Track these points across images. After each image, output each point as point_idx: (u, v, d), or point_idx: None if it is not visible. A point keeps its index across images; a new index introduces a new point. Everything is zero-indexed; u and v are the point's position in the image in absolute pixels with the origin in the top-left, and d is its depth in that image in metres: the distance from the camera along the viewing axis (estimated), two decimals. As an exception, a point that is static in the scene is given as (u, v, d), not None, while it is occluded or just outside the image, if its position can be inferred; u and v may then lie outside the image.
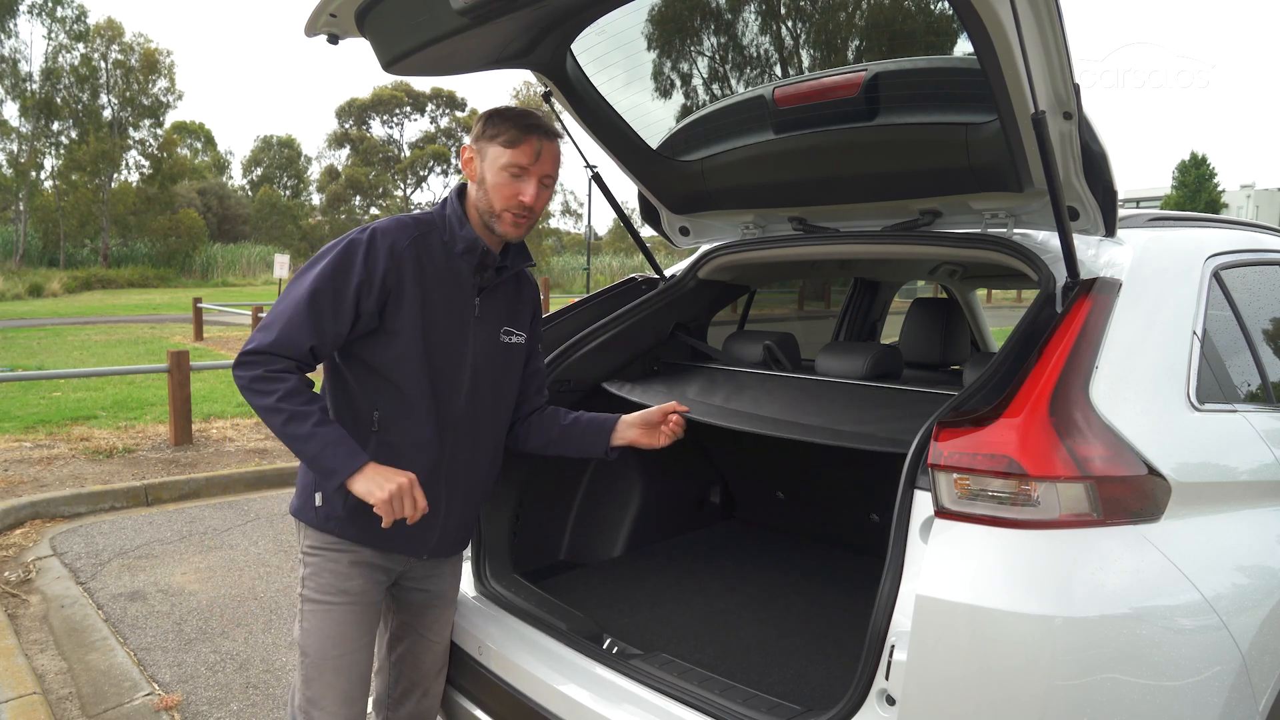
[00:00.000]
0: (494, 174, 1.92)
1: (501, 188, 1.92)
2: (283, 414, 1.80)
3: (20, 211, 33.50)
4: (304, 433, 1.81)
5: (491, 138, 1.93)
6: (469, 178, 1.99)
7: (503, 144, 1.91)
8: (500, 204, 1.93)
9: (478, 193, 1.96)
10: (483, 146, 1.95)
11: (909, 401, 2.26)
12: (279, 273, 17.42)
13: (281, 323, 1.84)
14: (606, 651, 2.04)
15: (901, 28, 2.18)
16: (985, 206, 2.17)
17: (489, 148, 1.93)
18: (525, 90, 39.90)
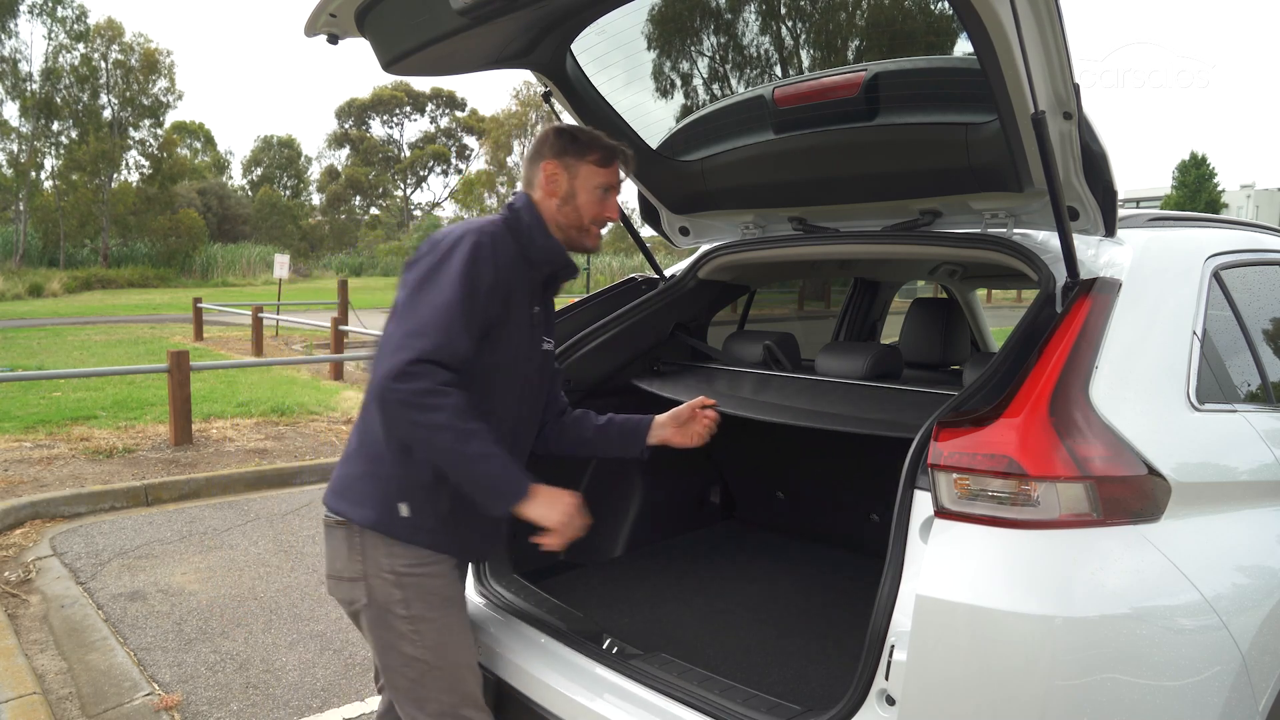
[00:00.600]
0: (587, 191, 2.00)
1: (593, 205, 2.01)
2: (452, 431, 1.70)
3: (20, 211, 33.48)
4: (478, 451, 1.73)
5: (581, 156, 1.99)
6: (549, 193, 1.99)
7: (595, 163, 2.00)
8: (589, 219, 2.02)
9: (562, 208, 1.99)
10: (571, 164, 1.99)
11: (908, 401, 2.26)
12: (279, 273, 17.41)
13: (437, 329, 1.73)
14: (606, 651, 2.04)
15: (901, 28, 2.18)
16: (985, 206, 2.17)
17: (580, 166, 1.99)
18: (525, 90, 39.92)
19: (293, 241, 48.12)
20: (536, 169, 2.01)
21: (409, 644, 1.88)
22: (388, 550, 1.86)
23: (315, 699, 3.29)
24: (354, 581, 1.89)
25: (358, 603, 1.90)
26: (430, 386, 1.69)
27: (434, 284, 1.78)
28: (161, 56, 36.08)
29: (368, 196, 58.28)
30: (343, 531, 1.89)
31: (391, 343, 1.74)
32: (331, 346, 11.30)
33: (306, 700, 3.28)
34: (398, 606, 1.87)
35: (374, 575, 1.87)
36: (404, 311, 1.78)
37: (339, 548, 1.91)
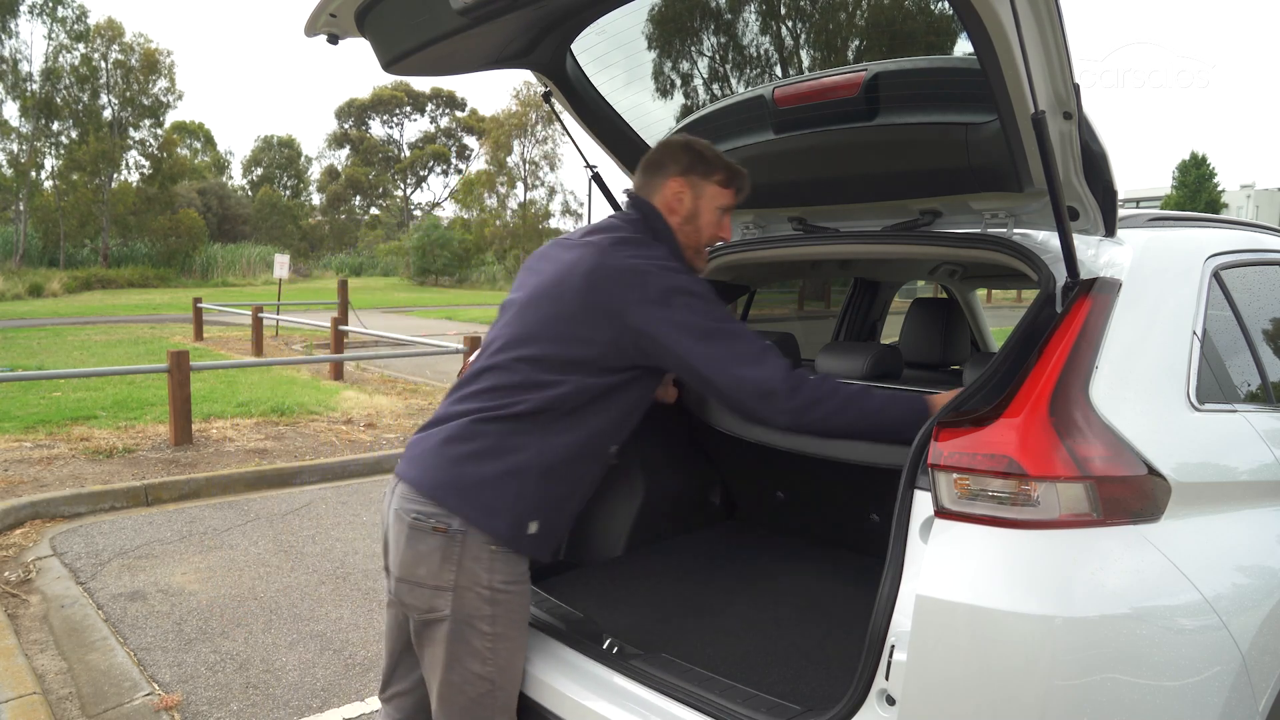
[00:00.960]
0: (709, 211, 2.01)
1: (713, 225, 2.02)
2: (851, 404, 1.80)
3: (20, 211, 33.45)
4: (877, 404, 1.82)
5: (706, 175, 1.99)
6: (671, 210, 1.99)
7: (719, 183, 2.01)
8: (708, 239, 2.04)
9: (683, 226, 2.00)
10: (696, 183, 1.99)
11: None
12: (279, 273, 17.40)
13: (767, 349, 1.81)
14: (606, 651, 2.04)
15: (901, 28, 2.18)
16: (985, 206, 2.17)
17: (706, 185, 2.00)
18: (525, 90, 39.90)
19: (293, 241, 48.11)
20: (659, 183, 2.00)
21: (480, 662, 1.82)
22: (489, 564, 1.80)
23: (315, 699, 3.29)
24: (439, 591, 1.80)
25: (437, 612, 1.81)
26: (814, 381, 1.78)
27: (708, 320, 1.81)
28: (161, 56, 36.05)
29: (368, 196, 58.27)
30: (439, 539, 1.79)
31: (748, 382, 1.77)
32: (331, 346, 11.30)
33: (306, 700, 3.28)
34: (483, 623, 1.81)
35: (467, 588, 1.79)
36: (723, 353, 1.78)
37: (429, 554, 1.80)
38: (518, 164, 41.71)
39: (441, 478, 1.82)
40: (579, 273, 1.85)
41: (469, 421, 1.84)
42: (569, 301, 1.84)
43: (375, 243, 51.36)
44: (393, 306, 26.22)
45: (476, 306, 27.09)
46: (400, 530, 1.85)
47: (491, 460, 1.81)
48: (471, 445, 1.82)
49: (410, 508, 1.83)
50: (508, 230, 40.91)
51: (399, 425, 8.03)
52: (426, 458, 1.86)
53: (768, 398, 1.76)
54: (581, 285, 1.83)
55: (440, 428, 1.89)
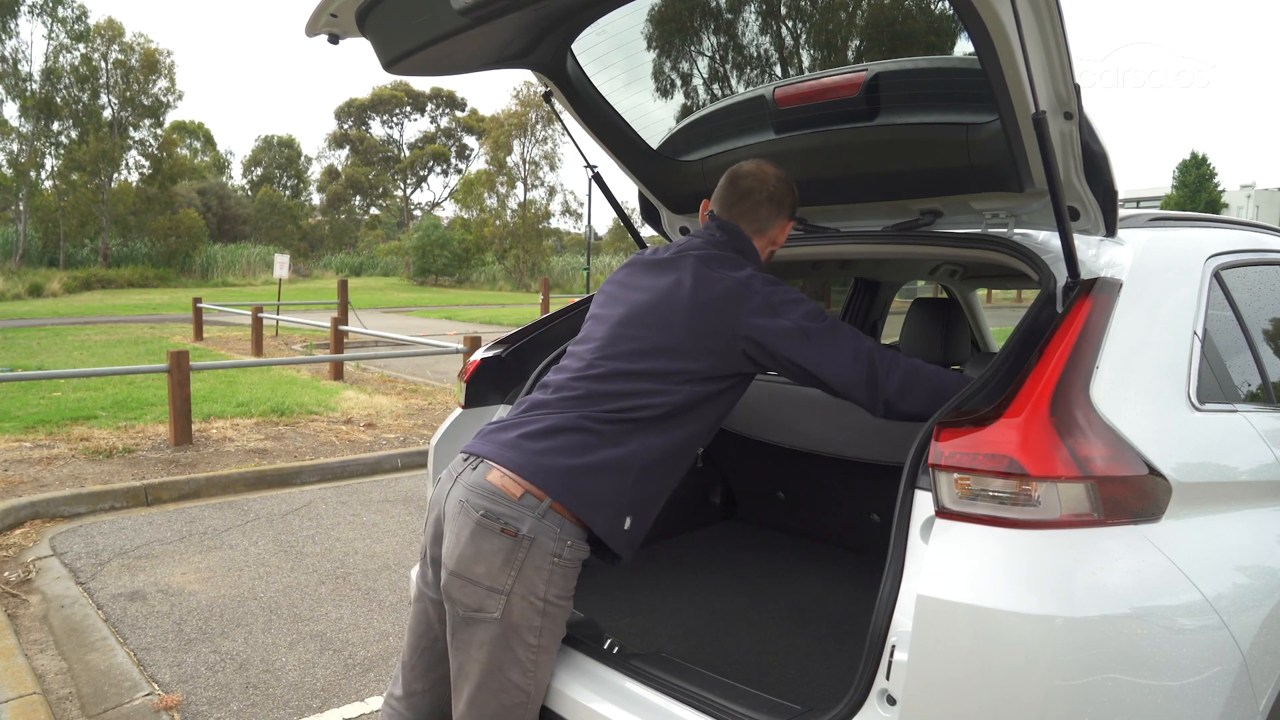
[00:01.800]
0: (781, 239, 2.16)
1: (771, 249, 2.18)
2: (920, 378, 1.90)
3: (20, 211, 33.47)
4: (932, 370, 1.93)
5: (792, 214, 2.16)
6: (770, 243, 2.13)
7: (790, 218, 2.17)
8: None
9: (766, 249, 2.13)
10: (786, 219, 2.15)
11: None
12: (279, 273, 17.40)
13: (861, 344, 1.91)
14: (607, 651, 2.04)
15: (902, 28, 2.18)
16: (986, 206, 2.17)
17: (788, 221, 2.16)
18: (525, 90, 39.90)
19: (293, 241, 48.13)
20: (778, 223, 2.12)
21: (521, 672, 1.81)
22: (549, 576, 1.79)
23: (315, 699, 3.29)
24: (493, 592, 1.77)
25: (485, 613, 1.79)
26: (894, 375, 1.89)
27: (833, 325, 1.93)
28: (161, 56, 36.07)
29: (368, 196, 58.30)
30: (506, 542, 1.77)
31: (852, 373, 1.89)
32: (331, 346, 11.30)
33: (306, 700, 3.28)
34: (530, 635, 1.80)
35: (522, 596, 1.78)
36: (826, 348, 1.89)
37: (491, 554, 1.77)
38: (518, 164, 41.72)
39: (541, 463, 1.80)
40: (683, 293, 1.93)
41: (571, 415, 1.87)
42: (677, 321, 1.92)
43: (375, 243, 51.39)
44: (393, 306, 26.22)
45: (476, 306, 27.10)
46: (464, 523, 1.80)
47: (593, 452, 1.82)
48: (573, 438, 1.84)
49: (480, 503, 1.79)
50: (508, 230, 40.90)
51: (399, 425, 8.03)
52: (520, 443, 1.84)
53: (870, 386, 1.89)
54: (689, 305, 1.92)
55: (533, 416, 1.91)
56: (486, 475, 1.82)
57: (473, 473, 1.85)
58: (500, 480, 1.80)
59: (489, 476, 1.81)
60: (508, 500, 1.78)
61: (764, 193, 2.09)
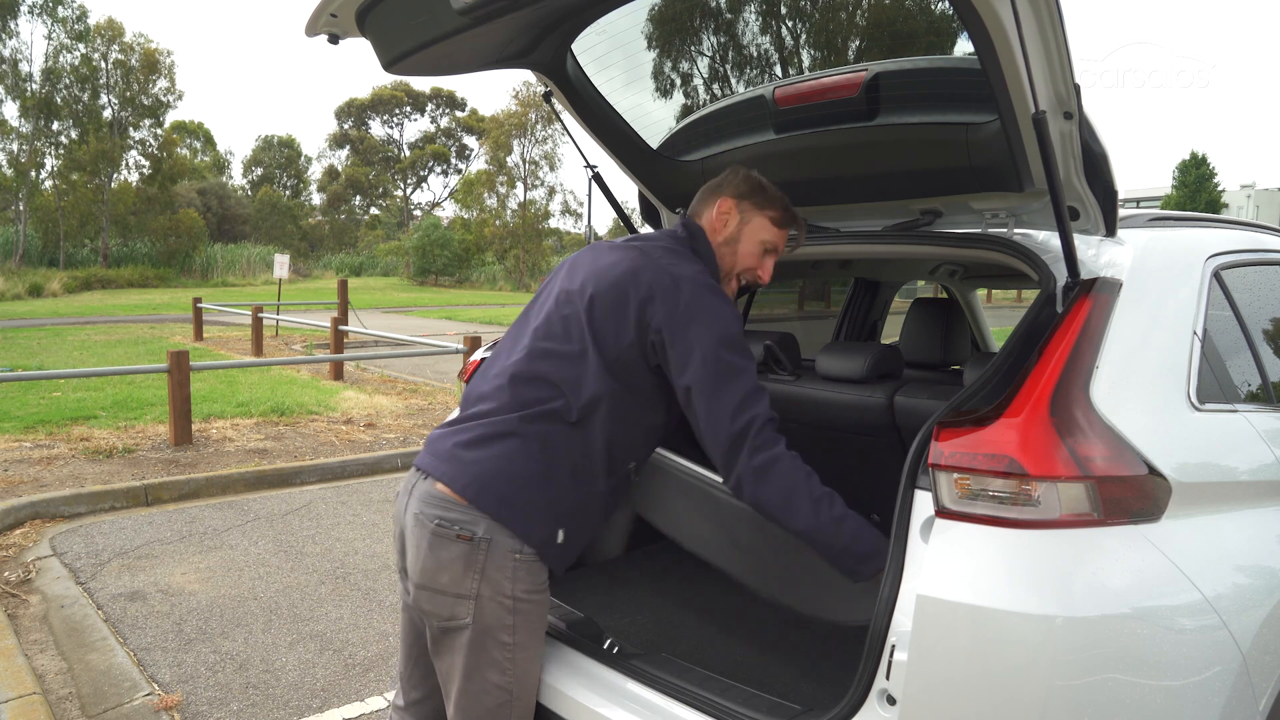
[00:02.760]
0: (752, 241, 2.01)
1: (749, 257, 2.01)
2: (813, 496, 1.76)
3: (20, 211, 33.46)
4: (839, 513, 1.77)
5: (761, 207, 2.01)
6: (713, 228, 2.00)
7: (771, 219, 2.01)
8: (739, 269, 2.02)
9: (723, 248, 2.00)
10: (747, 209, 2.00)
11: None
12: (279, 273, 17.40)
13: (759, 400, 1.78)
14: (606, 651, 2.04)
15: (902, 28, 2.18)
16: (986, 206, 2.17)
17: (756, 215, 2.00)
18: (525, 90, 39.89)
19: (293, 241, 48.11)
20: (712, 203, 2.01)
21: (499, 672, 1.81)
22: (513, 574, 1.78)
23: (315, 699, 3.29)
24: (460, 599, 1.77)
25: (457, 620, 1.78)
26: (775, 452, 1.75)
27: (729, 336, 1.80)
28: (161, 56, 36.06)
29: (368, 196, 58.29)
30: (463, 547, 1.75)
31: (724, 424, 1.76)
32: (331, 346, 11.30)
33: (306, 700, 3.28)
34: (503, 634, 1.79)
35: (490, 597, 1.77)
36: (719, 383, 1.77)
37: (452, 562, 1.76)
38: (518, 164, 41.71)
39: (475, 473, 1.78)
40: (617, 271, 1.87)
41: (500, 419, 1.82)
42: (602, 298, 1.85)
43: (375, 243, 51.37)
44: (393, 306, 26.23)
45: (476, 306, 27.10)
46: (421, 535, 1.80)
47: (523, 461, 1.79)
48: (505, 445, 1.80)
49: (432, 513, 1.79)
50: (508, 230, 40.90)
51: (399, 425, 8.03)
52: (456, 454, 1.82)
53: (735, 443, 1.76)
54: (615, 282, 1.85)
55: (469, 424, 1.87)
56: (435, 485, 1.82)
57: (424, 483, 1.85)
58: (447, 490, 1.80)
59: (437, 486, 1.81)
60: (458, 506, 1.77)
61: (720, 181, 2.04)
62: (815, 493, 1.77)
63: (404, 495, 1.91)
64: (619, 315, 1.83)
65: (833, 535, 1.76)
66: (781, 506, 1.76)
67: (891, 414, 2.51)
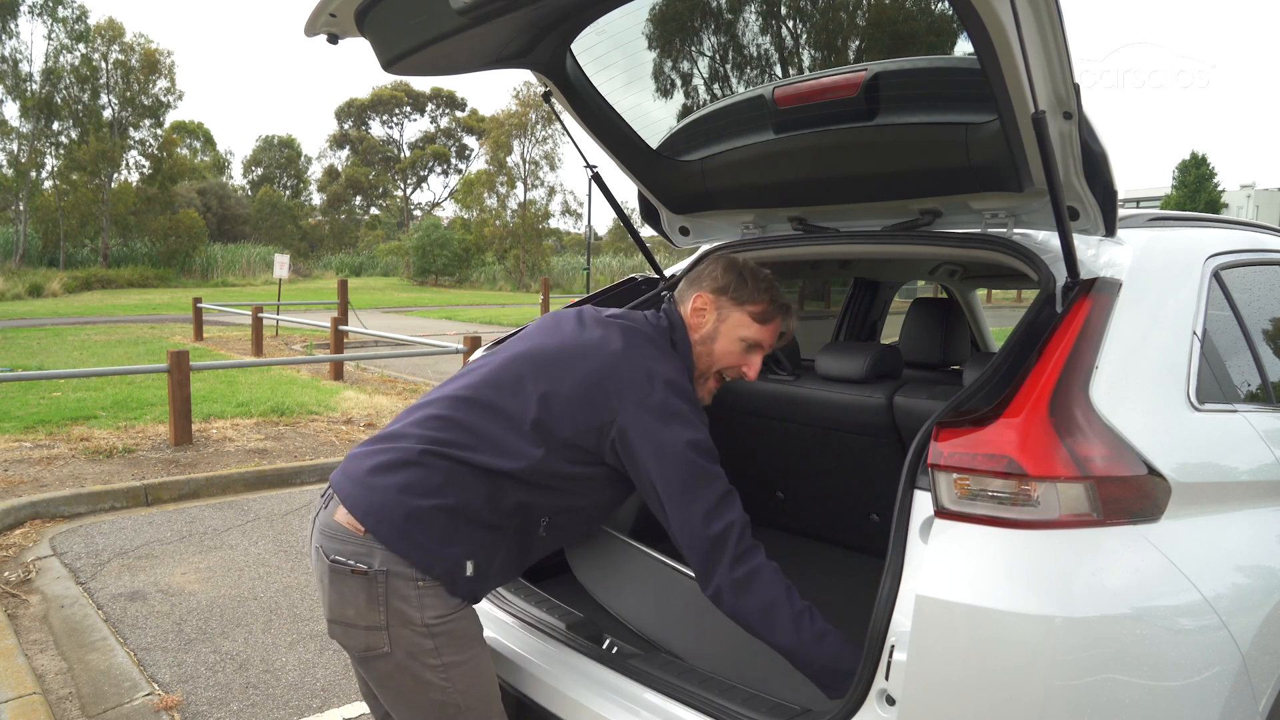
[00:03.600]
0: (729, 339, 1.93)
1: (730, 356, 1.93)
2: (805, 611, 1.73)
3: (20, 211, 33.47)
4: (820, 630, 1.73)
5: (740, 302, 1.93)
6: (690, 324, 1.94)
7: (752, 315, 1.93)
8: (718, 367, 1.95)
9: (700, 347, 1.93)
10: (726, 307, 1.93)
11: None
12: (279, 273, 17.40)
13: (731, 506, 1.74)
14: (606, 651, 2.04)
15: (902, 28, 2.18)
16: (985, 206, 2.17)
17: (735, 311, 1.93)
18: (525, 90, 39.89)
19: (293, 241, 48.12)
20: (689, 297, 1.96)
21: (439, 691, 1.76)
22: (418, 603, 1.71)
23: (315, 699, 3.29)
24: (373, 630, 1.72)
25: (376, 650, 1.74)
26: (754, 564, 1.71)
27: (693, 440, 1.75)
28: (162, 56, 36.07)
29: (368, 196, 58.29)
30: (360, 580, 1.69)
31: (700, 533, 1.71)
32: (331, 346, 11.30)
33: (306, 700, 3.28)
34: (429, 656, 1.73)
35: (400, 626, 1.71)
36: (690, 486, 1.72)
37: (353, 595, 1.71)
38: (518, 164, 41.71)
39: (376, 502, 1.72)
40: (602, 352, 1.82)
41: (408, 448, 1.77)
42: (574, 373, 1.80)
43: (375, 243, 51.38)
44: (393, 306, 26.22)
45: (476, 306, 27.09)
46: (323, 570, 1.75)
47: (432, 496, 1.72)
48: (414, 474, 1.74)
49: (330, 546, 1.73)
50: (508, 230, 40.90)
51: (399, 425, 8.02)
52: (364, 479, 1.76)
53: (715, 550, 1.71)
54: (596, 364, 1.80)
55: (384, 446, 1.80)
56: (334, 514, 1.76)
57: (324, 511, 1.79)
58: (345, 519, 1.73)
59: (336, 515, 1.75)
60: (354, 538, 1.71)
61: (700, 272, 1.99)
62: (796, 607, 1.73)
63: (311, 523, 1.86)
64: (585, 401, 1.78)
65: (814, 652, 1.73)
66: (763, 619, 1.73)
67: (891, 414, 2.51)
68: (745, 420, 2.99)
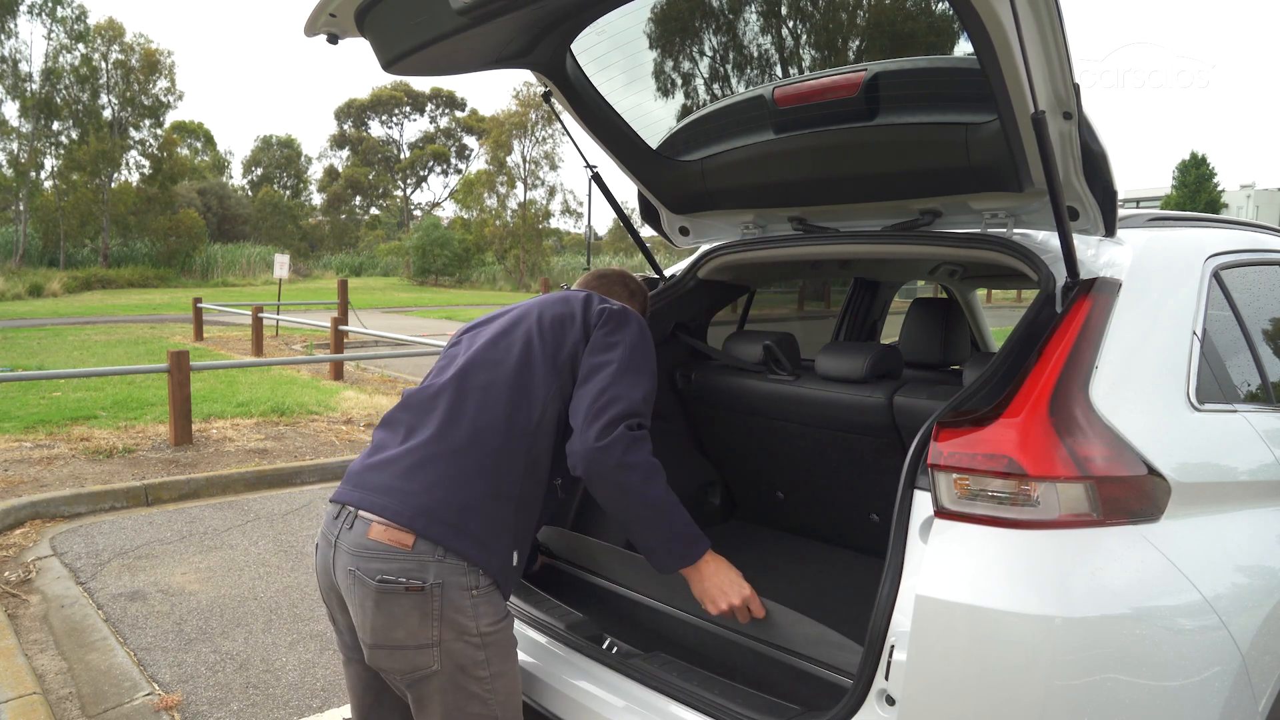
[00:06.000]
0: None
1: None
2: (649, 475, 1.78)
3: (20, 211, 33.45)
4: (670, 500, 1.81)
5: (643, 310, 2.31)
6: None
7: None
8: None
9: None
10: None
11: None
12: (279, 273, 17.40)
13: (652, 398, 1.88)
14: (606, 651, 2.04)
15: (902, 28, 2.18)
16: (985, 206, 2.17)
17: None
18: (525, 90, 39.89)
19: (293, 241, 48.10)
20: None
21: (481, 704, 1.73)
22: (473, 612, 1.69)
23: (315, 699, 3.29)
24: (423, 649, 1.67)
25: (423, 670, 1.69)
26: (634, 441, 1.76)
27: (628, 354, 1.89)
28: (162, 56, 36.05)
29: (368, 197, 58.28)
30: (415, 598, 1.64)
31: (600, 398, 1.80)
32: (331, 346, 11.30)
33: (306, 700, 3.28)
34: (479, 669, 1.71)
35: (454, 640, 1.68)
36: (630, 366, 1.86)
37: (405, 615, 1.65)
38: (518, 164, 41.69)
39: (422, 505, 1.69)
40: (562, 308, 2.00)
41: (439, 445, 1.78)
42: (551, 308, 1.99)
43: (375, 243, 51.36)
44: (393, 306, 26.22)
45: (476, 306, 27.09)
46: (364, 594, 1.68)
47: (471, 484, 1.73)
48: (449, 468, 1.73)
49: (372, 568, 1.67)
50: (508, 230, 40.89)
51: (399, 425, 8.02)
52: (394, 486, 1.73)
53: (596, 417, 1.77)
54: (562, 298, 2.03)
55: (402, 454, 1.79)
56: (368, 533, 1.69)
57: (349, 532, 1.73)
58: (385, 534, 1.67)
59: (370, 534, 1.69)
60: (400, 554, 1.66)
61: (620, 278, 2.32)
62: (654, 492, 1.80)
63: (326, 547, 1.80)
64: (566, 321, 1.95)
65: (675, 515, 1.82)
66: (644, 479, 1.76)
67: (891, 414, 2.51)
68: (745, 420, 2.99)
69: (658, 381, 1.98)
